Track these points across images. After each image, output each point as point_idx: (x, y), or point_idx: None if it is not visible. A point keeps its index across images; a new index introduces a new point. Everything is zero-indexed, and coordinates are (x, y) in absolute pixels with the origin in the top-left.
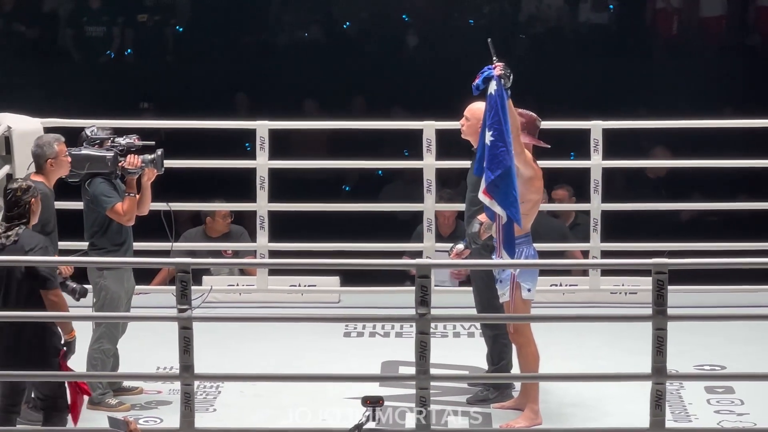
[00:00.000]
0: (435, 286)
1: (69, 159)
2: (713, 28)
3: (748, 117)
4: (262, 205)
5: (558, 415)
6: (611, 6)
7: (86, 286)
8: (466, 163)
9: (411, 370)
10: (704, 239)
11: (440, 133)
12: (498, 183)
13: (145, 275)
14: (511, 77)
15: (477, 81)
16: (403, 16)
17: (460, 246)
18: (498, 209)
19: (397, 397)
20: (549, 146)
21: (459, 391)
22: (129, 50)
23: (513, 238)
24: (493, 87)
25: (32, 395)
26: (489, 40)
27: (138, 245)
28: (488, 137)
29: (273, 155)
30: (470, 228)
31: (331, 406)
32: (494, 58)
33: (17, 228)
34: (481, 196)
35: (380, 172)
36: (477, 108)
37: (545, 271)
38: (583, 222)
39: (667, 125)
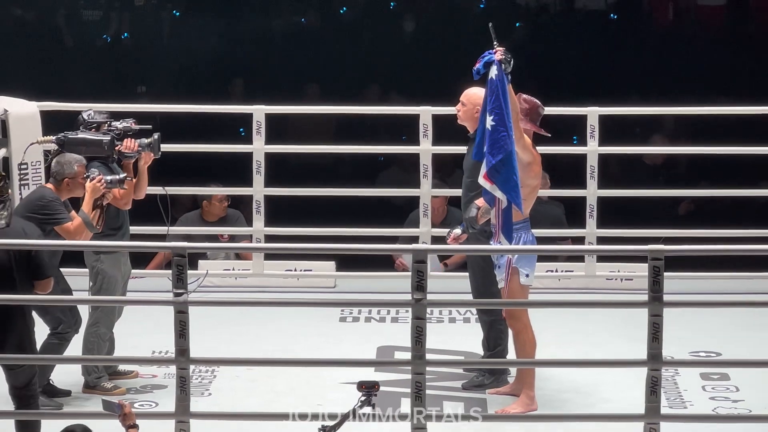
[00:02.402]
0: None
1: (84, 183)
2: (710, 16)
3: (744, 104)
4: (258, 190)
5: (553, 400)
6: None
7: None
8: (462, 149)
9: (406, 356)
10: (701, 226)
11: (436, 119)
12: (499, 168)
13: (141, 259)
14: (512, 62)
15: (478, 66)
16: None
17: (457, 231)
18: (499, 193)
19: (393, 383)
20: (549, 135)
21: (454, 376)
22: (126, 34)
23: (512, 222)
24: (493, 72)
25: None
26: (490, 24)
27: (134, 229)
28: (489, 122)
29: (270, 140)
30: (467, 213)
31: (327, 391)
32: (495, 42)
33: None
34: (482, 181)
35: (381, 158)
36: (473, 93)
37: (542, 257)
38: None
39: (664, 112)
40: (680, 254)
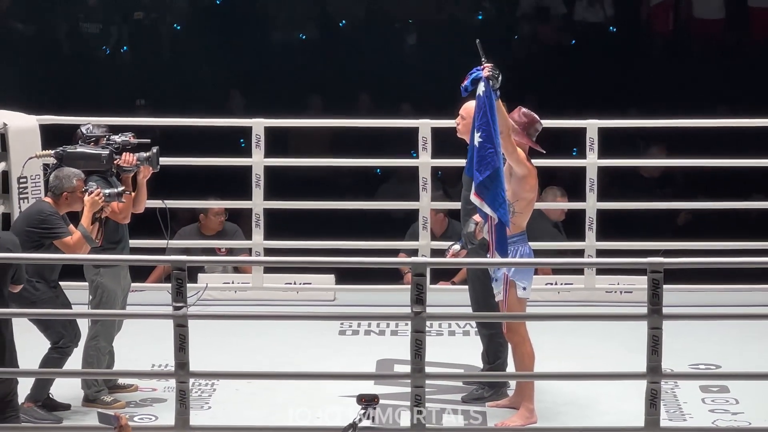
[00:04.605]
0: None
1: (83, 197)
2: (708, 28)
3: (742, 116)
4: (258, 203)
5: (553, 413)
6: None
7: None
8: (461, 162)
9: (406, 369)
10: (700, 238)
11: (436, 132)
12: (487, 184)
13: (140, 273)
14: (500, 78)
15: (465, 82)
16: (406, 21)
17: (456, 247)
18: (488, 210)
19: (392, 396)
20: (544, 152)
21: (454, 389)
22: (125, 47)
23: (505, 238)
24: (481, 88)
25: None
26: (477, 41)
27: (134, 243)
28: (477, 138)
29: (271, 153)
30: (466, 228)
31: (326, 404)
32: (483, 59)
33: None
34: (472, 198)
35: (378, 170)
36: (472, 107)
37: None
38: None
39: (664, 124)
40: (679, 267)
